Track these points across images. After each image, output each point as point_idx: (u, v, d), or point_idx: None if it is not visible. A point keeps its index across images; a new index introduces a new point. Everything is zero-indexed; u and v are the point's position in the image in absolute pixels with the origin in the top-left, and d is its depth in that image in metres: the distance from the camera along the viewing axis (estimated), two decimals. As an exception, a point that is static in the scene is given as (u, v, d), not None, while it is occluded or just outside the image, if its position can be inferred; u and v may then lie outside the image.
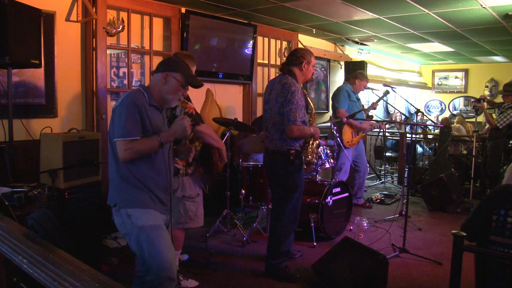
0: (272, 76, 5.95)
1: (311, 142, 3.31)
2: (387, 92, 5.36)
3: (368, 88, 5.46)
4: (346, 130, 5.18)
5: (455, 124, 8.23)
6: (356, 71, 5.69)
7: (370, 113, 5.55)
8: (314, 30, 6.05)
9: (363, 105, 5.55)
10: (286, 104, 3.11)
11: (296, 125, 3.09)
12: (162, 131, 2.12)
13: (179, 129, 2.12)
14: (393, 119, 8.93)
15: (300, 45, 6.26)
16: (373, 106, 5.58)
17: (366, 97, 8.25)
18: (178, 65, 2.17)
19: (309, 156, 3.30)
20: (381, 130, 7.31)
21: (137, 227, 2.05)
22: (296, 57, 3.26)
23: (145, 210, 2.08)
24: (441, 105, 10.82)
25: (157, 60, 4.27)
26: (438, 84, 10.85)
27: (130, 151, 2.00)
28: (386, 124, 5.53)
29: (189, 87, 2.26)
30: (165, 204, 2.19)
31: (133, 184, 2.07)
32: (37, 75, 3.58)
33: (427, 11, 4.74)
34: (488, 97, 8.55)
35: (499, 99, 7.82)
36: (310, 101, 3.48)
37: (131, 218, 2.06)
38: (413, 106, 5.71)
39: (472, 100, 9.71)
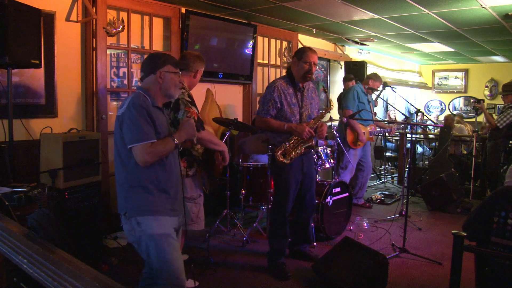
0: (272, 76, 5.97)
1: (293, 141, 3.23)
2: (385, 84, 5.32)
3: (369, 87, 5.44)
4: (350, 131, 5.17)
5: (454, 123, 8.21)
6: (371, 73, 5.64)
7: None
8: (314, 30, 6.05)
9: (373, 111, 5.50)
10: None
11: (257, 115, 3.34)
12: (169, 132, 2.14)
13: (189, 129, 2.17)
14: (389, 118, 8.92)
15: (300, 45, 6.26)
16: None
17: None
18: (161, 58, 2.16)
19: (281, 157, 3.19)
20: (391, 135, 7.32)
21: (146, 235, 2.03)
22: (293, 55, 3.41)
23: (155, 217, 2.05)
24: (441, 105, 10.82)
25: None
26: (438, 84, 10.85)
27: (152, 154, 1.98)
28: (393, 125, 5.53)
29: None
30: (177, 205, 2.19)
31: (145, 189, 2.04)
32: (37, 75, 3.58)
33: (427, 11, 4.74)
34: (488, 98, 8.56)
35: (499, 99, 7.83)
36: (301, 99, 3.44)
37: (140, 225, 2.03)
38: (413, 106, 5.71)
39: (472, 100, 9.71)
